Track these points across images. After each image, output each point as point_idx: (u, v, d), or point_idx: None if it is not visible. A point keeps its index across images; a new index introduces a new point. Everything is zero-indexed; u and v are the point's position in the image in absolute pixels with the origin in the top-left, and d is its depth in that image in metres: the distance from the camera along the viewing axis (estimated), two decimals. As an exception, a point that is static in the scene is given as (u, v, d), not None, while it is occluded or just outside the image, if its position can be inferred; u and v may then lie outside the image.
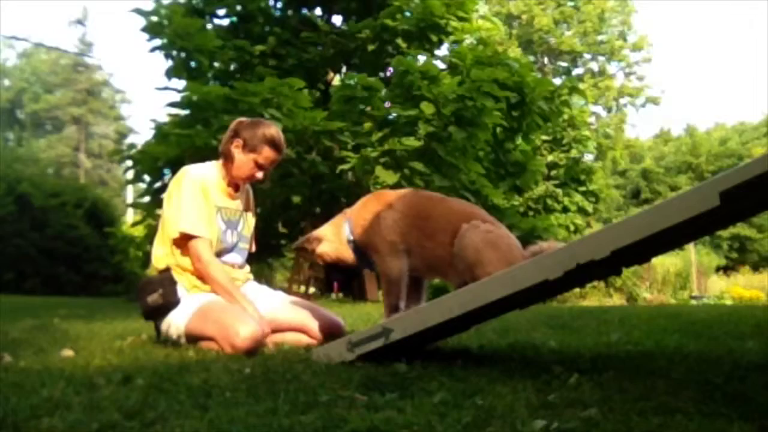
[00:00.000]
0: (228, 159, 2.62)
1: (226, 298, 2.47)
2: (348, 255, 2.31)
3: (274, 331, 2.58)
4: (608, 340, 2.60)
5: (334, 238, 2.32)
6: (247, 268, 2.78)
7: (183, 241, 2.53)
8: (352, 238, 2.29)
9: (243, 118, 2.72)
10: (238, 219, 2.68)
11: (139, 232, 8.98)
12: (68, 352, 2.19)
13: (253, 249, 2.86)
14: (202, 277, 2.52)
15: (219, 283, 2.50)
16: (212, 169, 2.66)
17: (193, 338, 2.41)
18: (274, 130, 2.63)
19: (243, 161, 2.60)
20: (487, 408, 1.30)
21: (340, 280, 2.39)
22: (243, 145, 2.59)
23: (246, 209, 2.75)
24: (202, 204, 2.53)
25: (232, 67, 8.56)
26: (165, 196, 2.64)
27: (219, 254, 2.60)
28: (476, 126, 7.19)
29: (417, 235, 2.19)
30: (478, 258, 2.03)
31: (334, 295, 8.69)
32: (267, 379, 1.65)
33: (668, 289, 13.44)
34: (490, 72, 7.16)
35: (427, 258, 2.19)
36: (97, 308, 5.72)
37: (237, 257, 2.68)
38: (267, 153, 2.60)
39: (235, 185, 2.68)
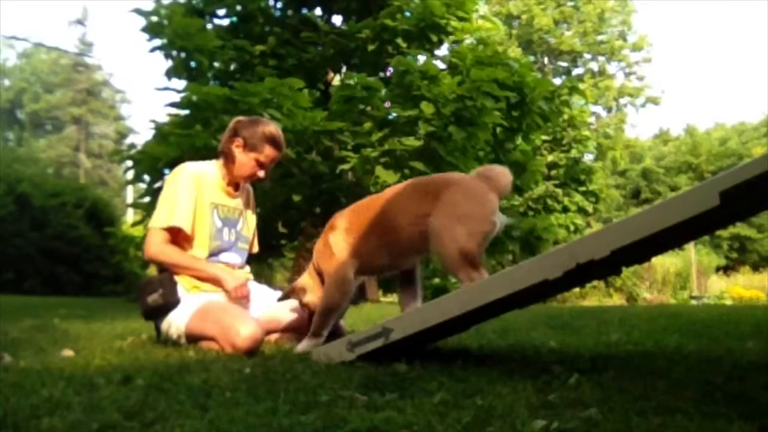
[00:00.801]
0: (229, 159, 2.62)
1: (198, 273, 2.48)
2: None
3: (274, 331, 2.59)
4: (608, 340, 2.61)
5: (314, 285, 2.34)
6: (247, 268, 2.77)
7: (177, 238, 2.53)
8: None
9: (241, 117, 2.71)
10: (237, 218, 2.68)
11: (139, 232, 8.97)
12: (68, 352, 2.19)
13: (255, 249, 2.85)
14: (198, 276, 2.52)
15: (181, 264, 2.49)
16: (212, 167, 2.67)
17: (193, 338, 2.41)
18: (273, 128, 2.63)
19: (244, 160, 2.60)
20: (487, 408, 1.30)
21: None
22: (243, 144, 2.59)
23: (246, 209, 2.75)
24: (190, 196, 2.52)
25: (232, 67, 8.55)
26: None
27: (215, 253, 2.59)
28: (476, 126, 7.19)
29: (376, 236, 2.17)
30: (454, 240, 1.99)
31: None
32: (267, 379, 1.65)
33: (668, 289, 13.45)
34: (490, 72, 7.15)
35: (398, 248, 2.17)
36: (97, 308, 5.72)
37: (236, 257, 2.67)
38: (268, 151, 2.60)
39: (235, 184, 2.68)
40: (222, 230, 2.61)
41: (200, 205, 2.55)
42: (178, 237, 2.52)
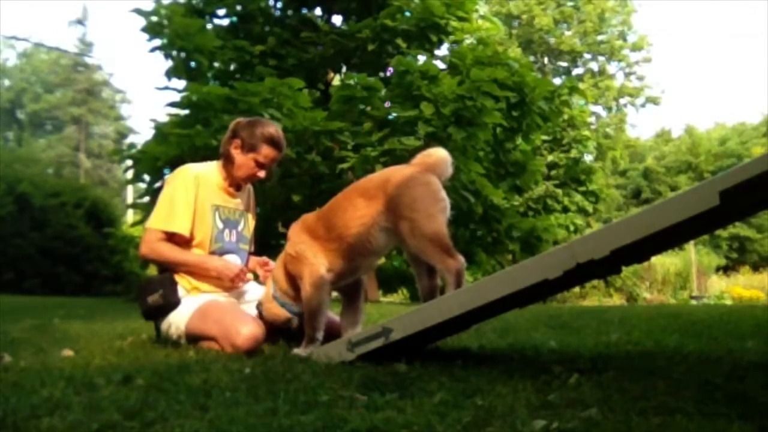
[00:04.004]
0: (228, 160, 2.62)
1: (191, 269, 2.49)
2: (278, 312, 2.34)
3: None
4: (608, 340, 2.61)
5: (265, 299, 2.37)
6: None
7: (176, 241, 2.52)
8: (277, 294, 2.33)
9: (241, 118, 2.71)
10: (237, 219, 2.68)
11: (138, 232, 8.96)
12: (68, 352, 2.19)
13: (251, 250, 2.86)
14: (196, 275, 2.52)
15: (173, 260, 2.49)
16: (214, 168, 2.67)
17: (193, 338, 2.41)
18: (272, 128, 2.63)
19: (243, 161, 2.60)
20: (487, 408, 1.30)
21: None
22: (242, 145, 2.58)
23: (246, 209, 2.75)
24: (190, 199, 2.52)
25: (232, 67, 8.55)
26: None
27: (217, 255, 2.59)
28: (476, 126, 7.19)
29: (332, 242, 2.19)
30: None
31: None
32: (267, 379, 1.65)
33: (668, 289, 13.47)
34: (490, 72, 7.15)
35: (353, 252, 2.19)
36: (97, 308, 5.71)
37: (238, 259, 2.67)
38: (266, 152, 2.59)
39: (236, 185, 2.68)
40: (223, 231, 2.60)
41: (201, 206, 2.55)
42: (176, 239, 2.52)
